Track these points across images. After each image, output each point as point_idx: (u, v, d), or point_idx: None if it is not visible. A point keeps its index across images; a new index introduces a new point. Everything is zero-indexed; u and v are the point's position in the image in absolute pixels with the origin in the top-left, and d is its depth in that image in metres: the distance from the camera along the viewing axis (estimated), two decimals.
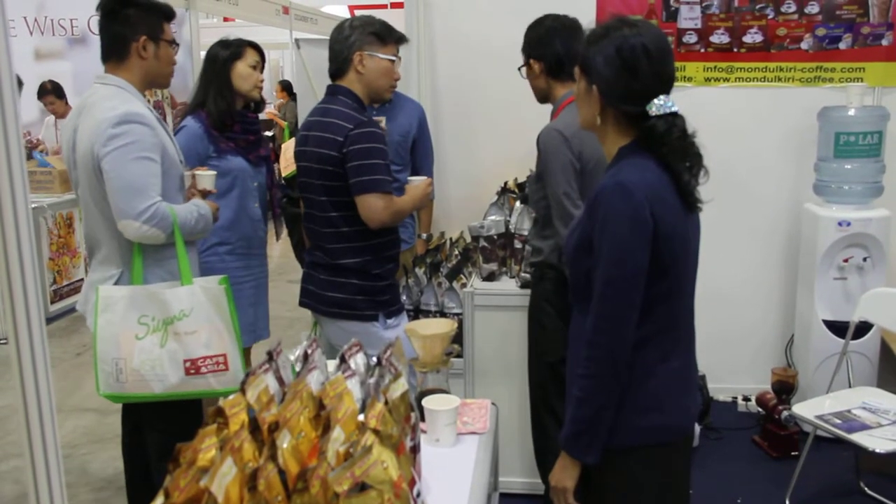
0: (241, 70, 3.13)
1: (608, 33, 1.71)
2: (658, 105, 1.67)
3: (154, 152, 2.37)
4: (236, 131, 3.14)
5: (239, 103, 3.18)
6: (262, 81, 3.23)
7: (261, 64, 3.23)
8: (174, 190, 2.50)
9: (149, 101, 2.70)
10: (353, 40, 2.65)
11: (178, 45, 2.57)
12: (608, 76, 1.70)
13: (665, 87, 1.70)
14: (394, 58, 2.73)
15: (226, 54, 3.11)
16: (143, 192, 2.32)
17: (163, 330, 2.38)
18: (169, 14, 2.54)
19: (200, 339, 2.40)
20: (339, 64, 2.68)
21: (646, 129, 1.70)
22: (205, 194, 2.66)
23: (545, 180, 2.71)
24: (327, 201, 2.66)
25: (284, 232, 3.60)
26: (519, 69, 2.87)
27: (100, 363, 2.38)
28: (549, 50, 2.74)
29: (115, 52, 2.45)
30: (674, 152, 1.69)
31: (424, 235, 3.82)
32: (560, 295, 2.76)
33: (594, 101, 1.74)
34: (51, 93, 7.01)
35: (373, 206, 2.58)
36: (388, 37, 2.71)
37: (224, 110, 3.09)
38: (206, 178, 2.67)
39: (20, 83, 6.89)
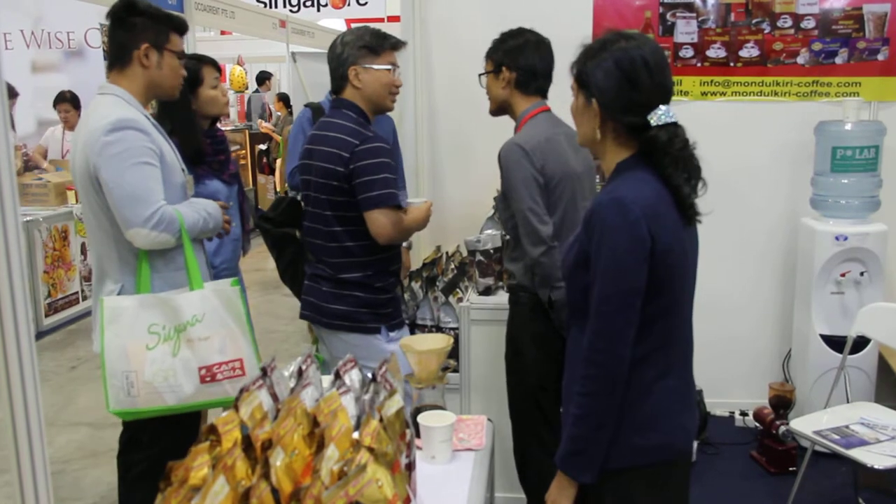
0: (205, 95, 3.02)
1: (606, 47, 1.71)
2: (659, 115, 1.67)
3: (151, 157, 2.31)
4: (207, 153, 3.05)
5: (205, 124, 3.09)
6: (226, 96, 3.14)
7: (219, 77, 3.11)
8: (176, 198, 2.43)
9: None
10: (345, 56, 2.62)
11: (184, 57, 2.50)
12: (609, 89, 1.69)
13: (665, 99, 1.70)
14: (390, 66, 2.65)
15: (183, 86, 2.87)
16: (145, 198, 2.26)
17: (175, 338, 2.29)
18: (179, 26, 2.47)
19: (214, 344, 2.31)
20: (337, 81, 2.66)
21: (648, 140, 1.69)
22: None
23: (509, 198, 2.66)
24: (332, 216, 2.63)
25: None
26: (480, 75, 2.84)
27: (109, 378, 2.26)
28: (526, 61, 2.71)
29: (118, 60, 2.40)
30: (675, 163, 1.68)
31: (405, 244, 3.78)
32: (535, 321, 2.71)
33: (593, 116, 1.73)
34: (68, 101, 6.97)
35: (382, 223, 2.55)
36: (381, 47, 2.63)
37: (197, 148, 2.96)
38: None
39: (15, 94, 6.87)
